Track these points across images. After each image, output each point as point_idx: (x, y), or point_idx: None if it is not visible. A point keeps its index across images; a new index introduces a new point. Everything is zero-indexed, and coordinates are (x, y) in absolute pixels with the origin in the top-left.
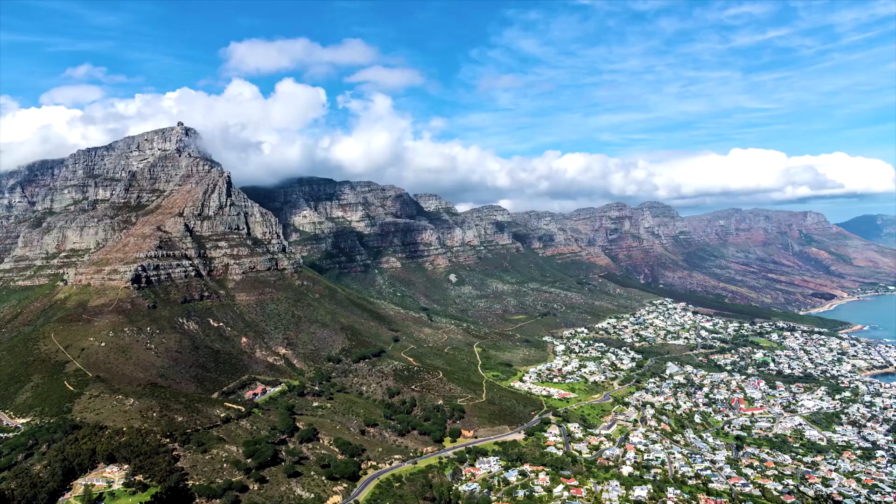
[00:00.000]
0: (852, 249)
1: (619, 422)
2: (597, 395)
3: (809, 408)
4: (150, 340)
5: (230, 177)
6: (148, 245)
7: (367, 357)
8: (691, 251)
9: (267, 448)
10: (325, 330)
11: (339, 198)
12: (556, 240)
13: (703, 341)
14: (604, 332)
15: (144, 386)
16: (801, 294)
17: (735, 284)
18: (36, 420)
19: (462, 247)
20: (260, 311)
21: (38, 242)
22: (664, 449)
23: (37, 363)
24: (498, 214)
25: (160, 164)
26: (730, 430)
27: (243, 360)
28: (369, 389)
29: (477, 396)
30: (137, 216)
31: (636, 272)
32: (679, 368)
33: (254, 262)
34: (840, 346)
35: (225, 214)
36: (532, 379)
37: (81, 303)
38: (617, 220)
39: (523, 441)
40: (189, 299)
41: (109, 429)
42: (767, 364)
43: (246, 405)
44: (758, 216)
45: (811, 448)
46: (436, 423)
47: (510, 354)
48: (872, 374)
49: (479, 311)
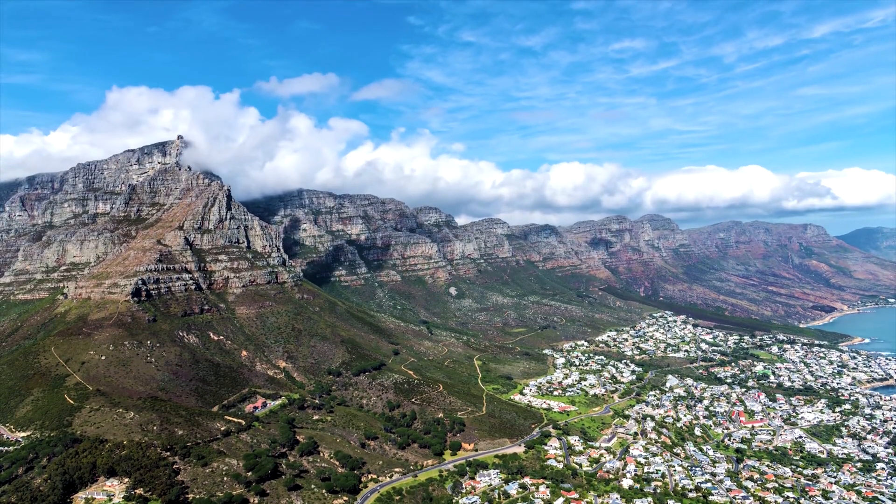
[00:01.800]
0: (852, 262)
1: (620, 434)
2: (597, 408)
3: (810, 420)
4: (151, 354)
5: (230, 190)
6: (148, 258)
7: (368, 370)
8: (691, 264)
9: (267, 461)
10: (326, 343)
11: (340, 211)
12: (556, 252)
13: (703, 354)
14: (604, 344)
15: (145, 399)
16: (801, 307)
17: (735, 297)
18: (36, 433)
19: (462, 259)
20: (260, 325)
21: (39, 256)
22: (664, 462)
23: (37, 377)
24: (498, 227)
25: (160, 177)
26: (730, 443)
27: (243, 373)
28: (369, 402)
29: (477, 409)
30: (137, 230)
31: (636, 285)
32: (679, 381)
33: (254, 275)
34: (840, 358)
35: (225, 228)
36: (532, 392)
37: (82, 316)
38: (617, 233)
39: (524, 454)
40: (189, 313)
41: (110, 442)
42: (767, 377)
43: (246, 418)
44: (758, 229)
45: (811, 461)
46: (436, 436)
47: (510, 367)
48: (872, 386)
49: (479, 323)
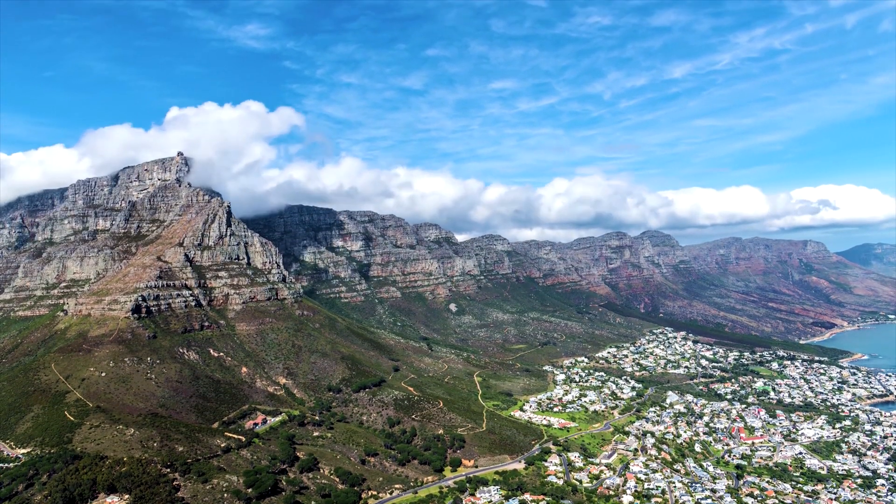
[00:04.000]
0: (852, 278)
1: (620, 451)
2: (597, 425)
3: (810, 437)
4: (151, 370)
5: (230, 207)
6: (148, 275)
7: (368, 387)
8: (691, 280)
9: (267, 478)
10: (326, 360)
11: (340, 227)
12: (556, 269)
13: (703, 370)
14: (604, 361)
15: (145, 416)
16: (801, 323)
17: (735, 313)
18: (36, 450)
19: (462, 276)
20: (260, 341)
21: (39, 272)
22: (665, 478)
23: (37, 393)
24: (498, 244)
25: (160, 194)
26: (730, 459)
27: (244, 389)
28: (370, 419)
29: (477, 426)
30: (137, 246)
31: (636, 301)
32: (679, 397)
33: (254, 291)
34: (840, 374)
35: (225, 244)
36: (532, 408)
37: (82, 333)
38: (617, 250)
39: (524, 470)
40: (189, 329)
41: (110, 459)
42: (768, 393)
43: (246, 435)
44: (758, 245)
45: (811, 477)
46: (436, 452)
47: (510, 384)
48: (873, 402)
49: (479, 340)
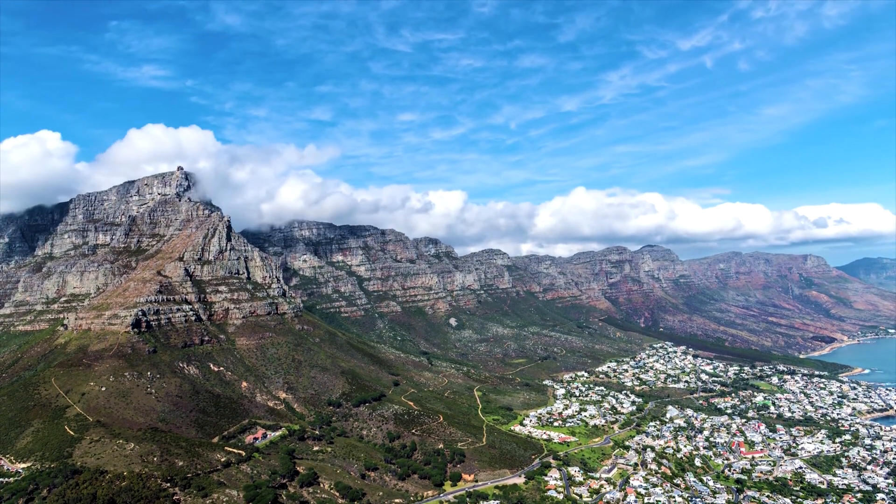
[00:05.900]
0: (852, 292)
1: (620, 465)
2: (597, 439)
3: (810, 451)
4: (151, 385)
5: (230, 221)
6: (148, 289)
7: (368, 401)
8: (691, 294)
9: (267, 492)
10: (326, 374)
11: (340, 242)
12: (556, 283)
13: (703, 385)
14: (604, 375)
15: (145, 430)
16: (801, 337)
17: (735, 328)
18: (37, 465)
19: (462, 291)
20: (260, 356)
21: (39, 287)
22: (665, 492)
23: (37, 408)
24: (498, 258)
25: (160, 208)
26: (730, 474)
27: (244, 404)
28: (370, 433)
29: (477, 440)
30: (137, 261)
31: (636, 316)
32: (679, 412)
33: (254, 306)
34: (840, 389)
35: (225, 259)
36: (532, 422)
37: (82, 347)
38: (617, 264)
39: (524, 485)
40: (189, 344)
41: (110, 473)
42: (768, 407)
43: (246, 449)
44: (758, 259)
45: (811, 491)
46: (436, 466)
47: (510, 398)
48: (873, 417)
49: (479, 354)
